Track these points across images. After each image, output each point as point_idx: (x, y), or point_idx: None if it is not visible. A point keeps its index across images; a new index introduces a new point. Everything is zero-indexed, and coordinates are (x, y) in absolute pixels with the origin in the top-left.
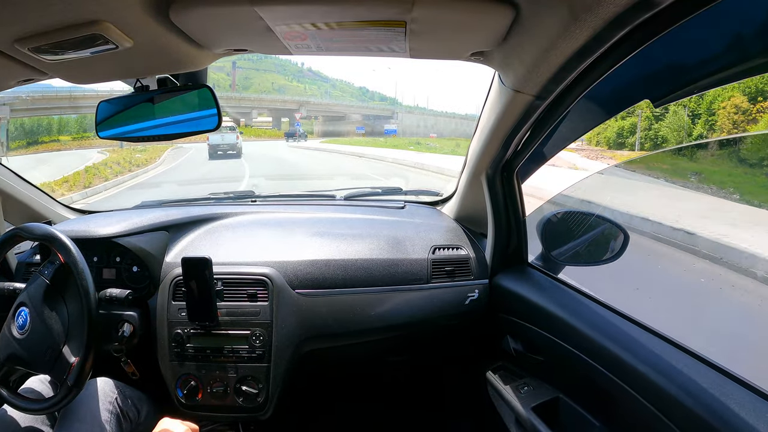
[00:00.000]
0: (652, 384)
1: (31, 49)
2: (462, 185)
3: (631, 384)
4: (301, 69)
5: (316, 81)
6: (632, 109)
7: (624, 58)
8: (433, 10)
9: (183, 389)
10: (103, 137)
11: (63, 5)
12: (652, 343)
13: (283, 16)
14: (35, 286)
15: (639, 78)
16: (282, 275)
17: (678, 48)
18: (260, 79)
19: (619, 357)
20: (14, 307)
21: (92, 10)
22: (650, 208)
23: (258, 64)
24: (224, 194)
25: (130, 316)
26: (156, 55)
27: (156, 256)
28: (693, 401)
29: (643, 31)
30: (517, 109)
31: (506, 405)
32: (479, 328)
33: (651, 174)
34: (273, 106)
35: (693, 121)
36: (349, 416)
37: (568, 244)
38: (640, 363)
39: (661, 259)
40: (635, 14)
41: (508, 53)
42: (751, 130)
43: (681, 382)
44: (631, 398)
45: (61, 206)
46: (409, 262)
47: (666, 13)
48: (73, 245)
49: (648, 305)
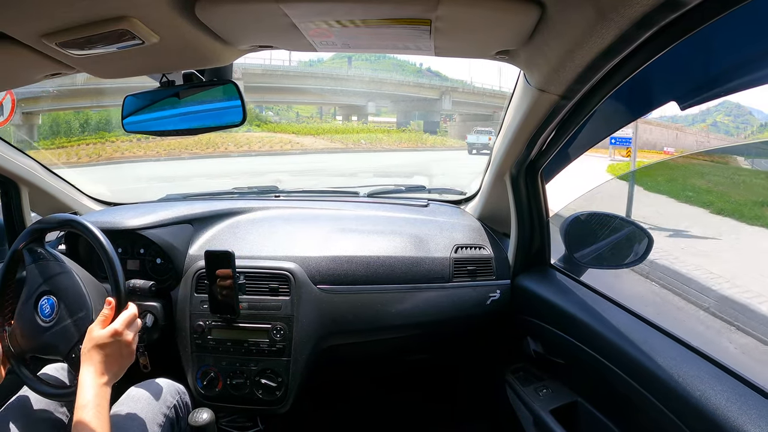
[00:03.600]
0: (673, 391)
1: (58, 44)
2: (486, 184)
3: (652, 390)
4: (420, 69)
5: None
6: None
7: (651, 59)
8: (457, 8)
9: (203, 380)
10: (129, 131)
11: (90, 1)
12: (674, 350)
13: (308, 14)
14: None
15: (665, 79)
16: (304, 270)
17: (706, 49)
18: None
19: (640, 362)
20: (35, 295)
21: (119, 6)
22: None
23: (375, 65)
24: (248, 189)
25: (153, 306)
26: (182, 50)
27: (180, 249)
28: (714, 410)
29: (670, 31)
30: (542, 108)
31: (524, 407)
32: (499, 329)
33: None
34: (401, 93)
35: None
36: (366, 413)
37: (592, 246)
38: (662, 369)
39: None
40: (662, 14)
41: (534, 52)
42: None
43: (702, 391)
44: (651, 405)
45: (86, 197)
46: (431, 260)
47: (694, 13)
48: (102, 234)
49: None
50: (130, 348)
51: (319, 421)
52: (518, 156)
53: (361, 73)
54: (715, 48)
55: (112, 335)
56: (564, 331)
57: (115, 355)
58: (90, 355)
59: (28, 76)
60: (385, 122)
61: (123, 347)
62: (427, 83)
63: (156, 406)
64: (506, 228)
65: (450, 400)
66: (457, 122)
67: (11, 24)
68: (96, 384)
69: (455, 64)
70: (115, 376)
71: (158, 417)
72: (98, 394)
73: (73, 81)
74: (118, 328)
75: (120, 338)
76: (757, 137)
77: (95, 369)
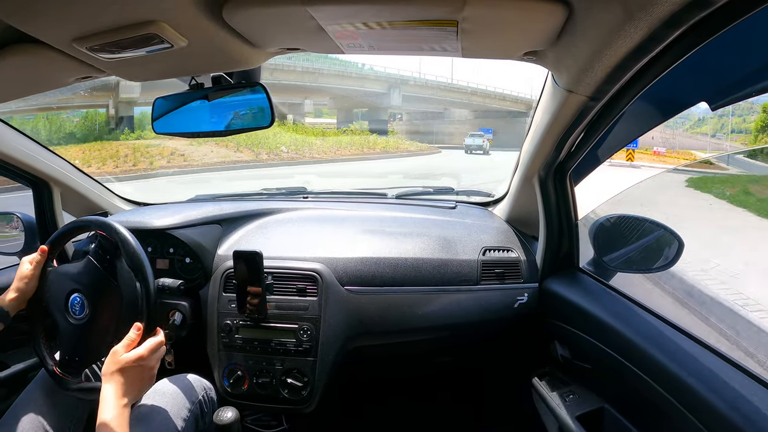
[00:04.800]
0: (703, 401)
1: (89, 48)
2: (514, 186)
3: (680, 399)
4: (362, 68)
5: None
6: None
7: (680, 59)
8: (483, 9)
9: (229, 378)
10: (158, 132)
11: (119, 6)
12: (704, 358)
13: (335, 16)
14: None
15: (695, 79)
16: (332, 271)
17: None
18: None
19: (669, 370)
20: (66, 294)
21: (148, 10)
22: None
23: (312, 54)
24: (276, 190)
25: (182, 305)
26: (210, 54)
27: (208, 249)
28: (744, 421)
29: (699, 30)
30: (570, 110)
31: (550, 412)
32: (526, 333)
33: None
34: (343, 87)
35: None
36: (390, 414)
37: (621, 250)
38: (691, 377)
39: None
40: (691, 12)
41: (562, 53)
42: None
43: (732, 400)
44: (680, 414)
45: (117, 198)
46: (459, 262)
47: (723, 12)
48: (131, 235)
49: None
50: (152, 373)
51: (344, 422)
52: (547, 158)
53: (295, 64)
54: (746, 46)
55: (135, 360)
56: (592, 336)
57: (136, 379)
58: (112, 377)
59: (59, 79)
60: (323, 123)
61: (145, 371)
62: (373, 74)
63: (181, 400)
64: (534, 231)
65: (474, 404)
66: (404, 121)
67: (44, 29)
68: (117, 405)
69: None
70: (134, 398)
71: (183, 411)
72: (119, 414)
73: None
74: (143, 354)
75: (143, 363)
76: (697, 131)
77: (116, 390)
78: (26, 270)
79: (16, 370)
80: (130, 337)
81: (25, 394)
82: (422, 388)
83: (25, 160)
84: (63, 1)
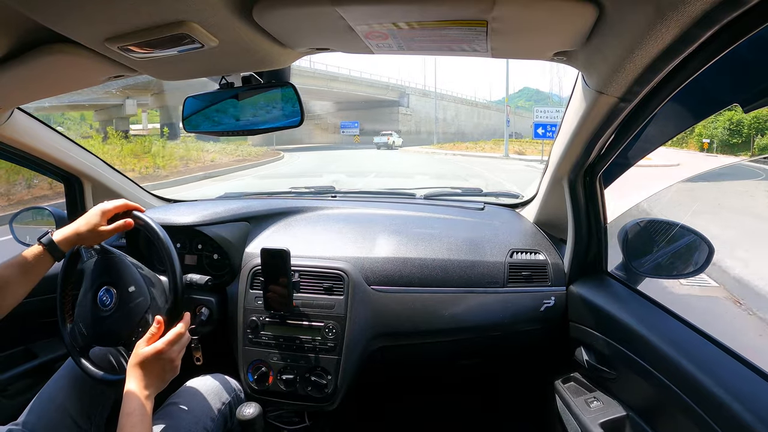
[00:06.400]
0: (733, 414)
1: (121, 48)
2: (543, 188)
3: (708, 410)
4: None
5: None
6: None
7: (713, 59)
8: (513, 9)
9: (254, 374)
10: (189, 131)
11: (151, 7)
12: (735, 369)
13: (364, 16)
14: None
15: (728, 80)
16: (358, 270)
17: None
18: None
19: (698, 381)
20: (95, 287)
21: (179, 10)
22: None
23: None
24: (305, 188)
25: (209, 301)
26: (240, 53)
27: (236, 246)
28: None
29: (732, 30)
30: (601, 111)
31: (574, 418)
32: (552, 337)
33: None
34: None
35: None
36: (412, 414)
37: (650, 255)
38: (721, 389)
39: None
40: (724, 12)
41: (592, 53)
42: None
43: (763, 414)
44: (707, 426)
45: (147, 194)
46: (486, 264)
47: (757, 11)
48: (162, 230)
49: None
50: (173, 364)
51: (366, 420)
52: (576, 160)
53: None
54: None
55: (155, 354)
56: (619, 343)
57: (157, 371)
58: (134, 371)
59: (92, 78)
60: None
61: (166, 363)
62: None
63: (211, 401)
64: (563, 233)
65: (497, 406)
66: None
67: (76, 29)
68: (140, 396)
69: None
70: (157, 389)
71: (212, 412)
72: (142, 404)
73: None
74: (161, 348)
75: (163, 356)
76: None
77: (138, 383)
78: (95, 218)
79: (45, 359)
80: (151, 331)
81: (52, 382)
82: (443, 389)
83: (58, 156)
84: (96, 1)
